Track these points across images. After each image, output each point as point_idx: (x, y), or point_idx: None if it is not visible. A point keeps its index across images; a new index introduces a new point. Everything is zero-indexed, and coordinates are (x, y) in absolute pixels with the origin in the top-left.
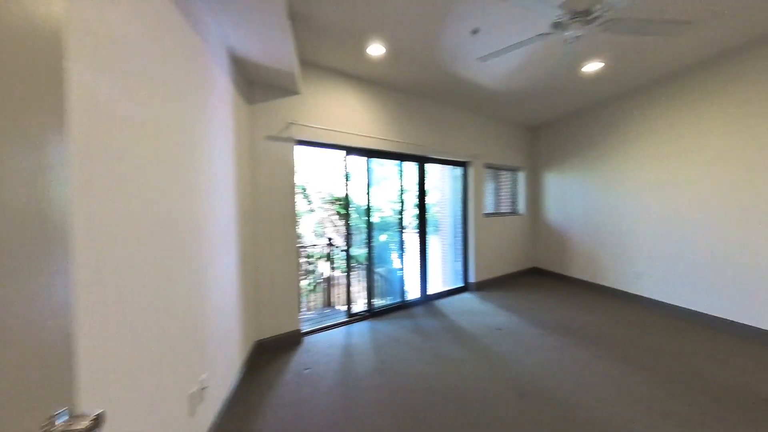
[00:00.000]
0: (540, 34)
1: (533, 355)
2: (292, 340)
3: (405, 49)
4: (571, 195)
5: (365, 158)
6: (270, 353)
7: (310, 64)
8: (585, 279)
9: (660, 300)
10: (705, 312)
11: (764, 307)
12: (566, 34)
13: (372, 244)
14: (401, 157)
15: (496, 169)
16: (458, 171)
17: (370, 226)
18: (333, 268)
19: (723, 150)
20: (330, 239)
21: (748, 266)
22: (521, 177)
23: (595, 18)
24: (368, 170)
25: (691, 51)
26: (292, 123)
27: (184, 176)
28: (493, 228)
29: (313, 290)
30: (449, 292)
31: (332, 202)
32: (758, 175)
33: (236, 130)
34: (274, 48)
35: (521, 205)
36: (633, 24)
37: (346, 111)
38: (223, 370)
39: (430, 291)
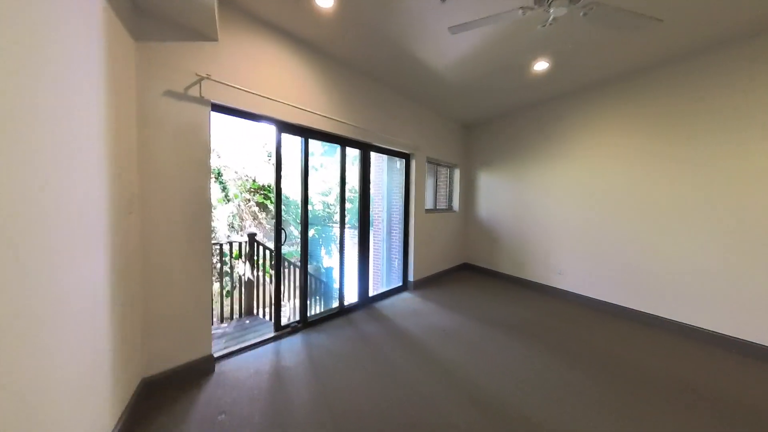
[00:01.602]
0: (522, 7)
1: (482, 358)
2: (200, 369)
3: (358, 9)
4: (500, 193)
5: (301, 138)
6: (165, 394)
7: (235, 5)
8: (512, 274)
9: (581, 294)
10: (623, 305)
11: (672, 300)
12: (551, 11)
13: (307, 242)
14: (344, 141)
15: (435, 164)
16: (398, 163)
17: (305, 220)
18: (255, 270)
19: (637, 158)
20: (253, 235)
21: (656, 263)
22: (457, 174)
23: None
24: (304, 153)
25: (616, 62)
26: (204, 78)
27: None
28: (432, 225)
29: (228, 295)
30: (389, 293)
31: (255, 191)
32: (665, 182)
33: (110, 77)
34: None
35: (456, 202)
36: (612, 12)
37: (280, 76)
38: None
39: (371, 293)
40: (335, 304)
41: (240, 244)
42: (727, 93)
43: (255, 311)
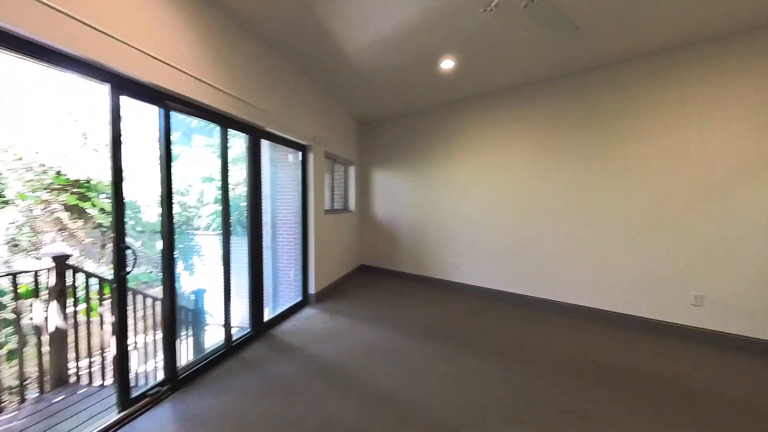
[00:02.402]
0: None
1: (425, 378)
2: None
3: None
4: (401, 192)
5: (159, 109)
6: None
7: None
8: (414, 273)
9: (480, 285)
10: (518, 293)
11: (558, 285)
12: None
13: (173, 259)
14: (227, 121)
15: (332, 160)
16: (291, 156)
17: (170, 227)
18: (66, 309)
19: (526, 160)
20: (63, 257)
21: (542, 252)
22: (352, 172)
23: None
24: (165, 131)
25: (522, 71)
26: None
27: None
28: (331, 227)
29: (11, 359)
30: (288, 312)
31: (61, 188)
32: (549, 181)
33: None
34: None
35: (352, 202)
36: (549, 11)
37: (130, 4)
38: None
39: (267, 316)
40: (219, 340)
41: (35, 273)
42: (611, 106)
43: (75, 377)
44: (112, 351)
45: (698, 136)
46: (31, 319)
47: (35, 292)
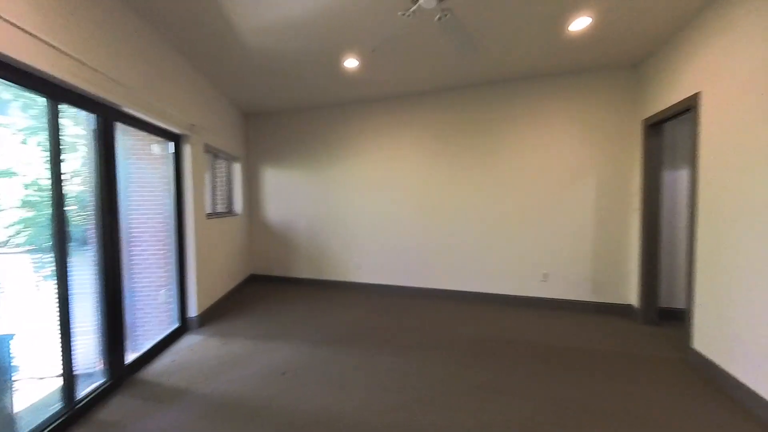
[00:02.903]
0: None
1: (348, 391)
2: None
3: None
4: (294, 192)
5: None
6: None
7: None
8: (313, 277)
9: (382, 283)
10: (420, 286)
11: (452, 275)
12: (423, 4)
13: None
14: (60, 93)
15: (213, 154)
16: (156, 147)
17: None
18: None
19: (420, 164)
20: None
21: (436, 249)
22: (237, 169)
23: None
24: None
25: (423, 80)
26: None
27: None
28: (215, 234)
29: None
30: (161, 346)
31: None
32: (442, 184)
33: None
34: None
35: (238, 204)
36: (458, 27)
37: None
38: None
39: (129, 357)
40: (51, 402)
41: None
42: (493, 117)
43: None
44: None
45: (546, 149)
46: None
47: None
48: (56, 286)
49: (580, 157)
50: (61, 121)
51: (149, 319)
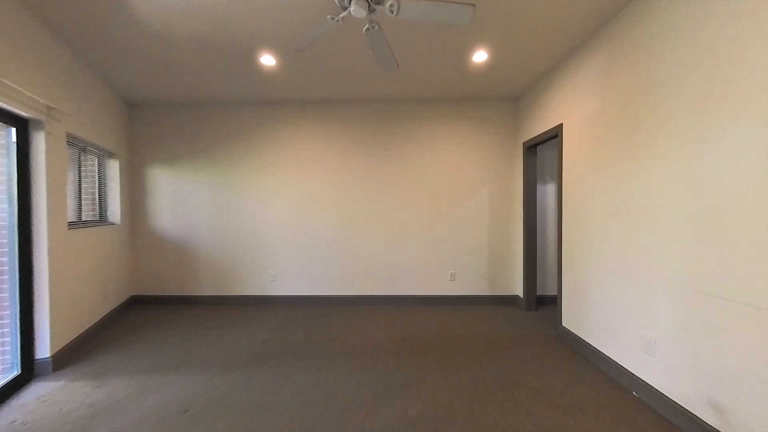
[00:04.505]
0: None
1: (269, 415)
2: None
3: None
4: (195, 198)
5: None
6: None
7: None
8: (218, 294)
9: (299, 294)
10: (336, 294)
11: (366, 281)
12: (351, 8)
13: None
14: None
15: (79, 147)
16: None
17: None
18: None
19: (336, 172)
20: None
21: (351, 256)
22: (115, 168)
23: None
24: None
25: (341, 87)
26: None
27: None
28: (80, 248)
29: None
30: None
31: None
32: (358, 192)
33: None
34: None
35: (115, 211)
36: (381, 42)
37: None
38: None
39: None
40: None
41: None
42: (402, 132)
43: None
44: None
45: (450, 163)
46: None
47: None
48: None
49: (476, 171)
50: None
51: None
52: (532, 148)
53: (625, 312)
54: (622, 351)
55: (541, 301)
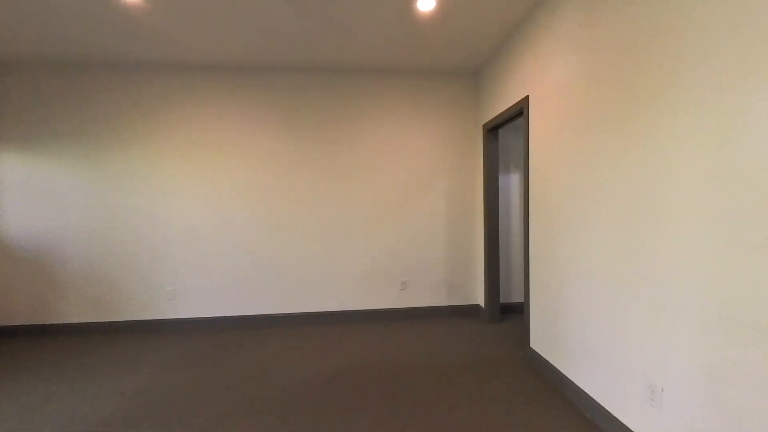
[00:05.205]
0: None
1: None
2: None
3: None
4: (59, 192)
5: None
6: None
7: None
8: (92, 320)
9: (203, 316)
10: (258, 314)
11: (299, 296)
12: None
13: None
14: None
15: None
16: None
17: None
18: None
19: (262, 161)
20: None
21: (279, 267)
22: None
23: None
24: None
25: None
26: None
27: None
28: None
29: None
30: None
31: None
32: (286, 186)
33: None
34: None
35: None
36: None
37: None
38: None
39: None
40: None
41: None
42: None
43: None
44: None
45: (398, 151)
46: None
47: None
48: None
49: (431, 160)
50: None
51: None
52: (493, 131)
53: (619, 341)
54: (615, 396)
55: (507, 310)
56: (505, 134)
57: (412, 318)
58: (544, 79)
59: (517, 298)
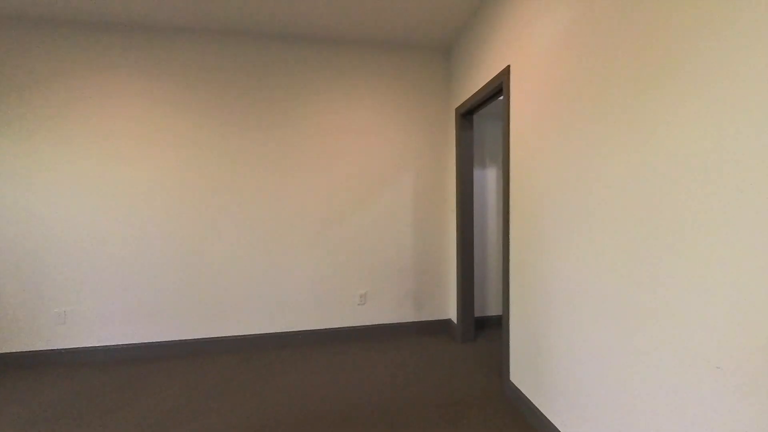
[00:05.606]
0: None
1: None
2: None
3: None
4: None
5: None
6: None
7: None
8: None
9: (105, 345)
10: (183, 339)
11: (235, 316)
12: None
13: None
14: None
15: None
16: None
17: None
18: None
19: (176, 148)
20: None
21: (209, 281)
22: None
23: None
24: None
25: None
26: None
27: None
28: None
29: None
30: None
31: None
32: (212, 178)
33: None
34: None
35: None
36: None
37: None
38: None
39: None
40: None
41: None
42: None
43: None
44: None
45: (358, 137)
46: None
47: None
48: None
49: (396, 151)
50: None
51: None
52: (467, 117)
53: (627, 396)
54: None
55: (483, 324)
56: (481, 122)
57: (372, 338)
58: (530, 43)
59: (493, 311)
